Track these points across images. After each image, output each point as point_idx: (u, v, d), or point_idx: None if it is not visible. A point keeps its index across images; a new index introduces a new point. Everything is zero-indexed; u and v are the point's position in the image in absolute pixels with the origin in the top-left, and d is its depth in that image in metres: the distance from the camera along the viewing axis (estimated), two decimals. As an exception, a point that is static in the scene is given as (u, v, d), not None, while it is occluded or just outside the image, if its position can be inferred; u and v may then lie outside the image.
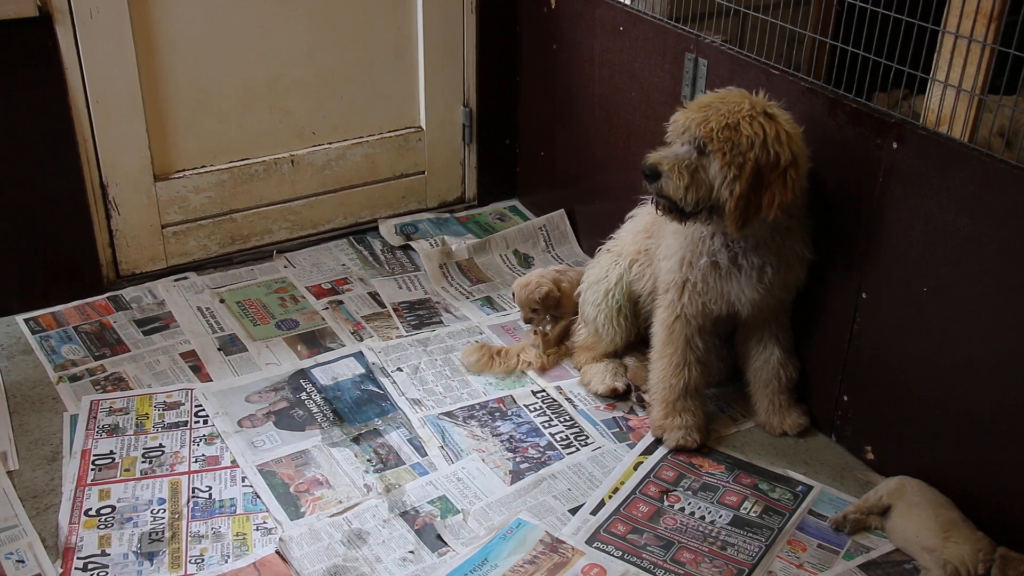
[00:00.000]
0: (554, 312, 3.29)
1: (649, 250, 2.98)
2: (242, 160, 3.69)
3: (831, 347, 2.84)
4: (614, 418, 3.03)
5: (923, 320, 2.56)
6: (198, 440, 2.89)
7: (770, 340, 2.89)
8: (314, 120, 3.77)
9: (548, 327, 3.30)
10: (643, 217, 3.05)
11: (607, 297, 3.08)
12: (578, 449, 2.89)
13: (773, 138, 2.48)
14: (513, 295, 3.34)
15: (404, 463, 2.83)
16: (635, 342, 3.15)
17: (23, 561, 2.48)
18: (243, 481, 2.75)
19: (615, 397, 3.09)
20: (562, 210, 3.96)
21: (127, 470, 2.77)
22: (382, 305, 3.54)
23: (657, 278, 2.92)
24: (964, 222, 2.39)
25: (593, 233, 3.66)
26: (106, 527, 2.58)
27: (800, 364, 2.92)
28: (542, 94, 3.89)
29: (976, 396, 2.47)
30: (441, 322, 3.47)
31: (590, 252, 3.55)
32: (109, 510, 2.63)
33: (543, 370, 3.22)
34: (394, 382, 3.14)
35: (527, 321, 3.28)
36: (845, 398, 2.85)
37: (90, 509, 2.63)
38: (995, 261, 2.35)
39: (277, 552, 2.52)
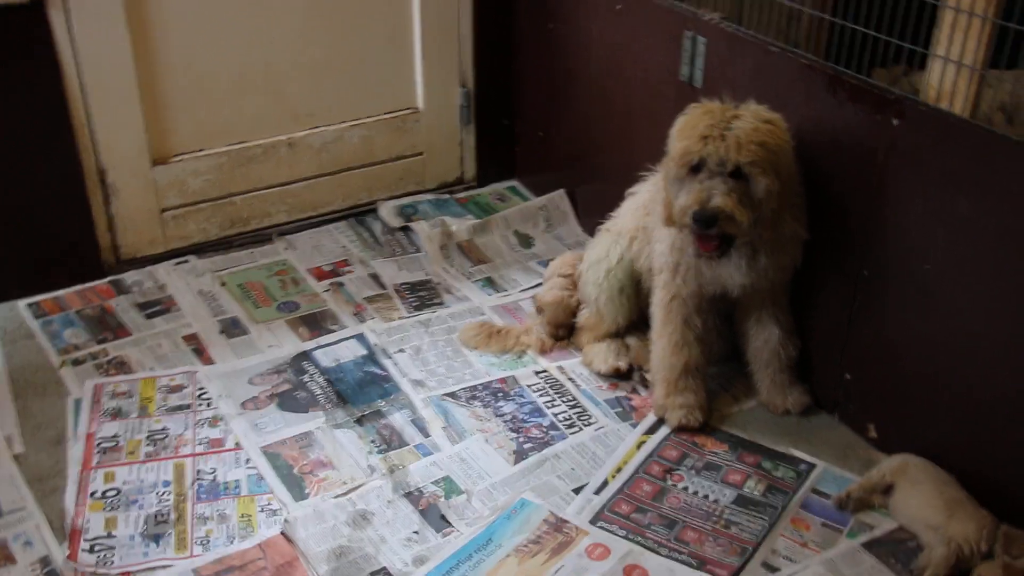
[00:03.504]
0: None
1: (647, 227, 2.97)
2: (240, 143, 3.68)
3: (833, 325, 2.84)
4: (617, 398, 3.03)
5: (925, 298, 2.56)
6: (202, 423, 2.89)
7: (769, 319, 2.89)
8: (310, 102, 3.76)
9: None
10: (642, 194, 3.04)
11: (608, 276, 3.07)
12: (581, 429, 2.89)
13: (785, 142, 2.52)
14: (540, 310, 3.30)
15: (407, 444, 2.83)
16: (638, 322, 3.14)
17: (30, 543, 2.48)
18: (247, 463, 2.75)
19: (618, 377, 3.09)
20: (562, 190, 3.95)
21: (132, 453, 2.78)
22: (383, 287, 3.54)
23: (652, 258, 2.92)
24: (965, 199, 2.39)
25: (593, 213, 3.64)
26: (112, 509, 2.59)
27: (800, 343, 2.92)
28: (540, 74, 3.88)
29: (979, 374, 2.47)
30: (442, 303, 3.46)
31: (590, 232, 3.54)
32: (115, 492, 2.64)
33: (543, 352, 3.22)
34: (396, 363, 3.14)
35: (556, 338, 3.24)
36: (847, 376, 2.85)
37: (96, 492, 2.64)
38: (997, 238, 2.34)
39: (282, 533, 2.53)
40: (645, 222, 2.97)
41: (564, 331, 3.24)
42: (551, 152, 3.96)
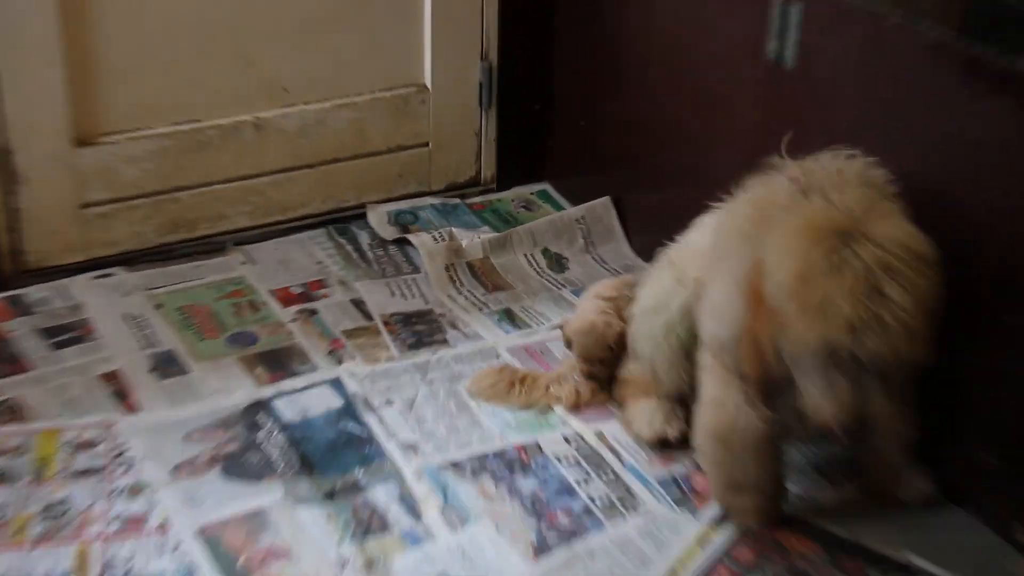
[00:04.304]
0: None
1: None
2: (191, 122, 3.63)
3: (970, 392, 2.71)
4: (673, 476, 2.90)
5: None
6: (118, 493, 2.77)
7: (879, 385, 2.78)
8: (287, 73, 3.73)
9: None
10: (709, 232, 2.89)
11: (667, 334, 2.92)
12: (624, 517, 2.77)
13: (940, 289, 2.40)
14: (568, 343, 3.21)
15: (391, 529, 2.71)
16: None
17: None
18: (176, 550, 2.63)
19: (665, 447, 2.96)
20: (607, 198, 3.89)
21: (18, 533, 2.65)
22: (368, 317, 3.47)
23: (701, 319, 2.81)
24: None
25: (647, 229, 3.61)
26: (-14, 612, 2.49)
27: (922, 415, 2.75)
28: (585, 47, 3.85)
29: None
30: (446, 341, 3.38)
31: (644, 254, 3.52)
32: (-9, 588, 2.54)
33: (577, 408, 3.10)
34: (381, 420, 3.04)
35: (589, 376, 3.13)
36: (989, 460, 2.69)
37: (-36, 587, 2.54)
38: None
39: (217, 651, 2.43)
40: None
41: (600, 369, 3.14)
42: (594, 148, 3.93)
